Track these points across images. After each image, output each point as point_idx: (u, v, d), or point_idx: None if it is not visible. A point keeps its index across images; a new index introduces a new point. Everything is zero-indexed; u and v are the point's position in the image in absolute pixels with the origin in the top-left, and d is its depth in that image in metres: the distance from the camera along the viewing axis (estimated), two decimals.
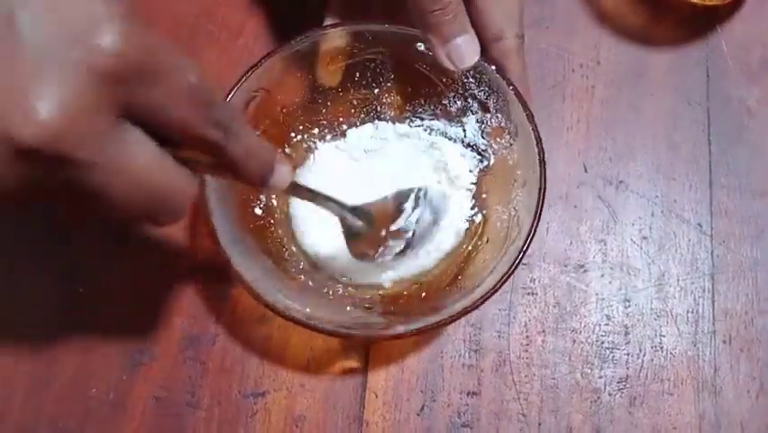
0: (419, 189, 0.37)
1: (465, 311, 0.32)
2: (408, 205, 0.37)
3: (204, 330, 0.37)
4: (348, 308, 0.35)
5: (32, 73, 0.20)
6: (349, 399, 0.36)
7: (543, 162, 0.33)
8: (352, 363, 0.37)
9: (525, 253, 0.32)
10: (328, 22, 0.37)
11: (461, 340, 0.37)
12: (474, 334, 0.37)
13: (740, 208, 0.40)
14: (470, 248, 0.37)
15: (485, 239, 0.37)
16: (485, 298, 0.32)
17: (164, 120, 0.23)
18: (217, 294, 0.38)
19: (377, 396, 0.36)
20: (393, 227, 0.36)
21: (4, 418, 0.36)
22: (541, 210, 0.33)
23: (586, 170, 0.41)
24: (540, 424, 0.36)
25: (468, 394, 0.36)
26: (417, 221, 0.37)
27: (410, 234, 0.36)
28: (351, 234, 0.36)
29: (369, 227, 0.36)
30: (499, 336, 0.37)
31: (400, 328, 0.32)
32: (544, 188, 0.33)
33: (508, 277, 0.32)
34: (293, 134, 0.39)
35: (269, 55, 0.35)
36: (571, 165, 0.41)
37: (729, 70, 0.42)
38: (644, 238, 0.39)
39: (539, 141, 0.34)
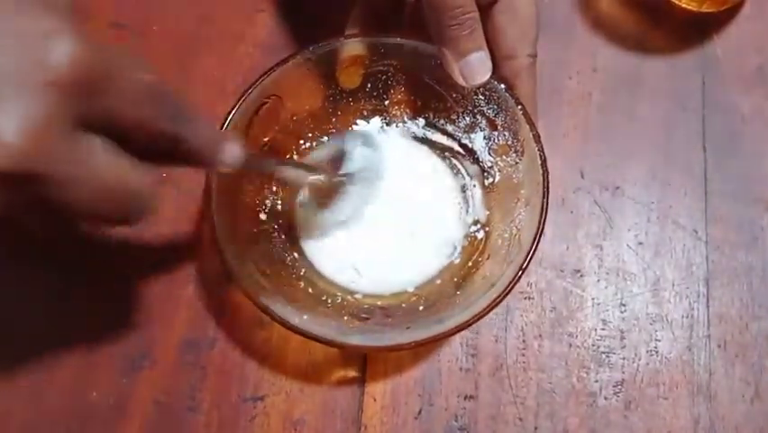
0: (355, 133, 0.38)
1: (460, 327, 0.32)
2: (350, 146, 0.37)
3: (203, 334, 0.38)
4: (345, 318, 0.35)
5: None
6: (347, 403, 0.36)
7: (546, 183, 0.34)
8: (351, 368, 0.37)
9: (524, 271, 0.32)
10: (348, 32, 0.38)
11: (458, 344, 0.38)
12: (471, 338, 0.38)
13: (735, 214, 0.40)
14: (470, 264, 0.37)
15: (485, 255, 0.37)
16: (481, 315, 0.32)
17: (122, 122, 0.23)
18: (217, 298, 0.38)
19: (375, 400, 0.37)
20: (343, 170, 0.37)
21: (7, 422, 0.36)
22: (542, 231, 0.33)
23: (582, 176, 0.41)
24: (536, 428, 0.36)
25: (465, 398, 0.37)
26: (365, 159, 0.37)
27: (359, 171, 0.37)
28: (315, 192, 0.36)
29: (324, 177, 0.36)
30: (496, 341, 0.38)
31: (396, 340, 0.32)
32: (546, 209, 0.33)
33: (506, 295, 0.32)
34: (302, 142, 0.40)
35: (283, 62, 0.36)
36: (567, 171, 0.41)
37: (724, 78, 0.43)
38: (640, 244, 0.40)
39: (544, 161, 0.34)
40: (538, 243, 0.33)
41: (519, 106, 0.35)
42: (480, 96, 0.37)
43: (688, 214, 0.40)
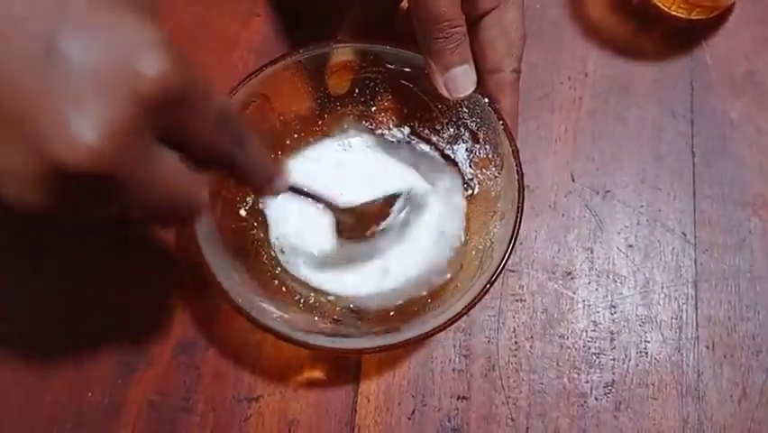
0: (407, 192, 0.38)
1: (425, 335, 0.32)
2: (396, 207, 0.38)
3: (198, 336, 0.38)
4: (317, 318, 0.36)
5: (77, 98, 0.21)
6: (341, 403, 0.37)
7: (521, 199, 0.34)
8: (345, 369, 0.37)
9: (492, 285, 0.32)
10: (340, 38, 0.38)
11: (451, 345, 0.38)
12: (464, 339, 0.38)
13: (723, 218, 0.41)
14: (448, 275, 0.37)
15: (459, 266, 0.37)
16: (444, 326, 0.32)
17: (194, 140, 0.24)
18: (212, 300, 0.38)
19: (368, 400, 0.37)
20: (381, 227, 0.37)
21: (2, 421, 0.36)
22: (514, 245, 0.33)
23: (573, 180, 0.42)
24: (528, 428, 0.37)
25: (458, 398, 0.37)
26: (403, 222, 0.38)
27: (393, 230, 0.38)
28: (340, 230, 0.38)
29: (357, 225, 0.37)
30: (489, 342, 0.38)
31: (365, 344, 0.33)
32: (519, 225, 0.33)
33: (472, 306, 0.32)
34: (288, 142, 0.40)
35: (272, 63, 0.36)
36: (558, 174, 0.42)
37: (713, 83, 0.43)
38: (630, 246, 0.40)
39: (521, 177, 0.34)
40: (509, 257, 0.33)
41: (501, 122, 0.35)
42: (464, 109, 0.37)
43: (677, 217, 0.41)
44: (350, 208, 0.37)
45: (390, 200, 0.38)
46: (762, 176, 0.41)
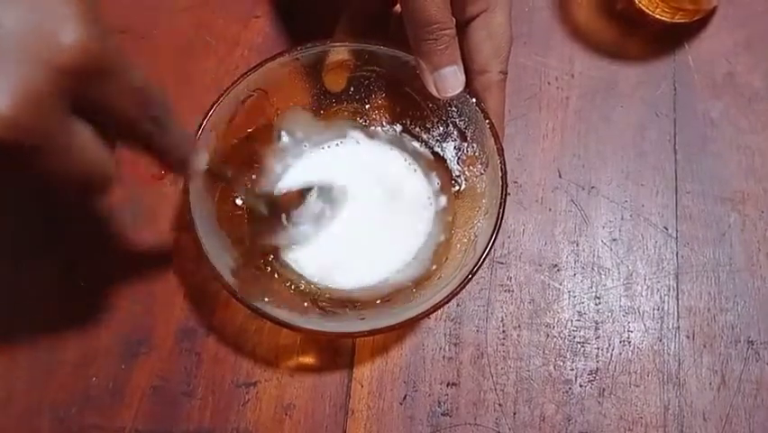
0: (324, 186, 0.40)
1: (410, 321, 0.33)
2: (311, 198, 0.39)
3: (199, 323, 0.39)
4: (305, 304, 0.37)
5: None
6: (336, 388, 0.38)
7: (504, 195, 0.35)
8: (340, 355, 0.39)
9: (474, 274, 0.33)
10: (336, 37, 0.40)
11: (441, 334, 0.39)
12: (454, 328, 0.40)
13: (703, 213, 0.42)
14: (433, 267, 0.39)
15: (444, 258, 0.38)
16: (425, 314, 0.33)
17: (108, 113, 0.25)
18: (213, 288, 0.39)
19: (362, 386, 0.38)
20: (293, 217, 0.39)
21: (9, 405, 0.37)
22: (495, 239, 0.34)
23: (560, 176, 0.43)
24: (515, 413, 0.38)
25: (448, 385, 0.38)
26: (318, 216, 0.39)
27: (307, 225, 0.39)
28: (254, 217, 0.39)
29: (269, 212, 0.38)
30: (478, 331, 0.40)
31: (349, 329, 0.35)
32: (501, 220, 0.34)
33: (452, 297, 0.33)
34: (283, 134, 0.41)
35: (271, 59, 0.37)
36: (546, 171, 0.43)
37: (695, 84, 0.45)
38: (614, 240, 0.42)
39: (504, 174, 0.35)
40: (491, 249, 0.34)
41: (487, 121, 0.37)
42: (454, 108, 0.39)
43: (659, 212, 0.42)
44: (264, 194, 0.38)
45: (305, 190, 0.39)
46: (741, 173, 0.43)
